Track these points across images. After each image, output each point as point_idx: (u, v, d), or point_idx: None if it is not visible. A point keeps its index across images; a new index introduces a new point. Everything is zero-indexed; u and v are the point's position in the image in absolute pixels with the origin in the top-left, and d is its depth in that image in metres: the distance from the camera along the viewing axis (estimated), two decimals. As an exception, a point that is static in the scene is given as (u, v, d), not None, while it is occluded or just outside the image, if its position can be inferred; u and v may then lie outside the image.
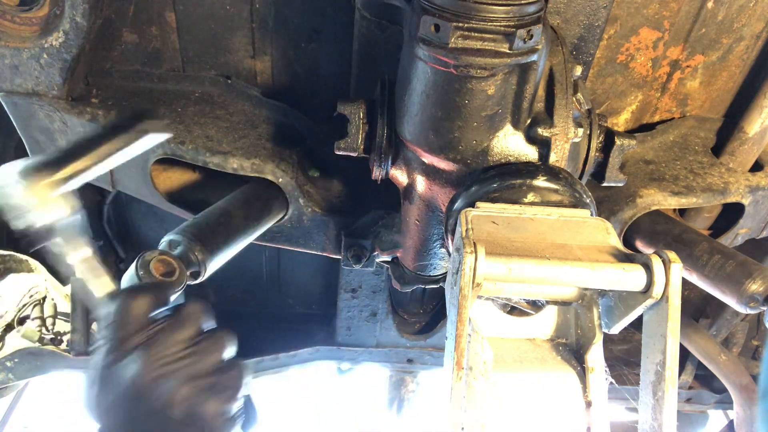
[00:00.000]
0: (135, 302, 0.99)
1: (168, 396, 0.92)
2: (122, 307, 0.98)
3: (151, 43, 1.62)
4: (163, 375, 0.93)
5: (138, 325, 0.97)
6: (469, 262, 0.92)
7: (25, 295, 2.35)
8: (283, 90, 1.72)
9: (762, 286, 1.45)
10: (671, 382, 0.95)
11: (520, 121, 1.19)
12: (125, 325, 0.97)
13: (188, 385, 0.94)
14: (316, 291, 2.51)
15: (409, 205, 1.42)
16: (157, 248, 1.26)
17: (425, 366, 2.53)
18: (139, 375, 0.92)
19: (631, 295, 1.00)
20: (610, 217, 1.65)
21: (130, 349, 0.95)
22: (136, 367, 0.93)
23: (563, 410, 1.01)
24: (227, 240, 1.41)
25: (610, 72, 1.66)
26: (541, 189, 1.14)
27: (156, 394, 0.92)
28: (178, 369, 0.94)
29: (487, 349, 0.97)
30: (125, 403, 0.93)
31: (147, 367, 0.93)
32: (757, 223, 1.81)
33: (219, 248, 1.37)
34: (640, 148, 1.74)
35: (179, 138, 1.56)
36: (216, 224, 1.41)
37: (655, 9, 1.53)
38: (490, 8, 1.02)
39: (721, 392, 2.52)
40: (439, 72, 1.10)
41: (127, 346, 0.95)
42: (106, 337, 0.97)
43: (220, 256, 1.38)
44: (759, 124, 1.66)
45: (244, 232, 1.48)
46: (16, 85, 1.47)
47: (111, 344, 0.96)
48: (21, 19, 1.39)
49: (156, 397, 0.92)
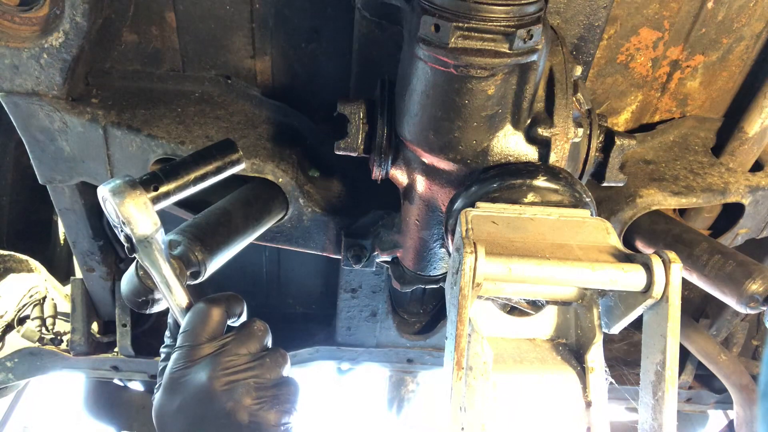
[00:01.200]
0: (210, 313, 1.09)
1: (235, 402, 1.01)
2: (197, 318, 1.08)
3: (151, 43, 1.62)
4: (232, 382, 1.02)
5: (210, 335, 1.07)
6: (469, 262, 0.92)
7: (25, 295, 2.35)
8: (283, 90, 1.72)
9: (762, 286, 1.45)
10: (671, 382, 0.95)
11: (520, 121, 1.19)
12: (199, 334, 1.07)
13: (254, 394, 1.02)
14: (316, 291, 2.51)
15: (409, 205, 1.42)
16: (157, 248, 1.26)
17: (425, 366, 2.53)
18: (209, 380, 1.01)
19: (631, 295, 1.00)
20: (610, 217, 1.65)
21: (202, 357, 1.04)
22: (207, 373, 1.02)
23: (563, 410, 1.01)
24: (227, 240, 1.41)
25: (610, 72, 1.66)
26: (541, 189, 1.14)
27: (224, 399, 1.00)
28: (245, 378, 1.03)
29: (487, 349, 0.97)
30: (195, 406, 1.01)
31: (217, 373, 1.02)
32: (757, 223, 1.81)
33: (219, 248, 1.37)
34: (640, 148, 1.74)
35: (179, 138, 1.56)
36: (216, 224, 1.41)
37: (655, 9, 1.53)
38: (490, 8, 1.02)
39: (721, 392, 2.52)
40: (439, 72, 1.10)
41: (199, 353, 1.04)
42: (180, 344, 1.06)
43: (220, 256, 1.38)
44: (759, 124, 1.66)
45: (244, 232, 1.48)
46: (16, 85, 1.47)
47: (183, 351, 1.05)
48: (21, 19, 1.39)
49: (224, 402, 1.00)
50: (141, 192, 1.08)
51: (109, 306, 2.24)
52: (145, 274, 1.16)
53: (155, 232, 1.09)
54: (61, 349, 2.31)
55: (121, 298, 2.13)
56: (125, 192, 1.07)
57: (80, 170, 1.67)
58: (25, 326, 2.29)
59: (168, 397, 1.02)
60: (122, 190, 1.07)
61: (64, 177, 1.69)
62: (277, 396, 1.04)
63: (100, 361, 2.36)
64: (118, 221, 1.09)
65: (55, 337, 2.32)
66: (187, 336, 1.07)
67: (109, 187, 1.08)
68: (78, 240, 1.99)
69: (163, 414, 1.02)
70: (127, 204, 1.06)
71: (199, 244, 1.30)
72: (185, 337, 1.07)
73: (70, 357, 2.30)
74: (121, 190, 1.07)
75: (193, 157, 1.21)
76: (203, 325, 1.07)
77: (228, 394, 1.00)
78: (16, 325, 2.32)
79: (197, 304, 1.11)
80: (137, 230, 1.08)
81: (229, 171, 1.25)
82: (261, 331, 1.11)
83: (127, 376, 2.53)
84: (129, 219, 1.07)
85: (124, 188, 1.07)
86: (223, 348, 1.05)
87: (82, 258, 2.06)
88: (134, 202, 1.07)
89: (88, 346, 2.27)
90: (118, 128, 1.56)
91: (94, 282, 2.15)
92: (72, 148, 1.61)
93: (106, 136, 1.57)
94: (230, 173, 1.25)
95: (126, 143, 1.57)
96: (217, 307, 1.10)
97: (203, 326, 1.07)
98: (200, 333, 1.07)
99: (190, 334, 1.07)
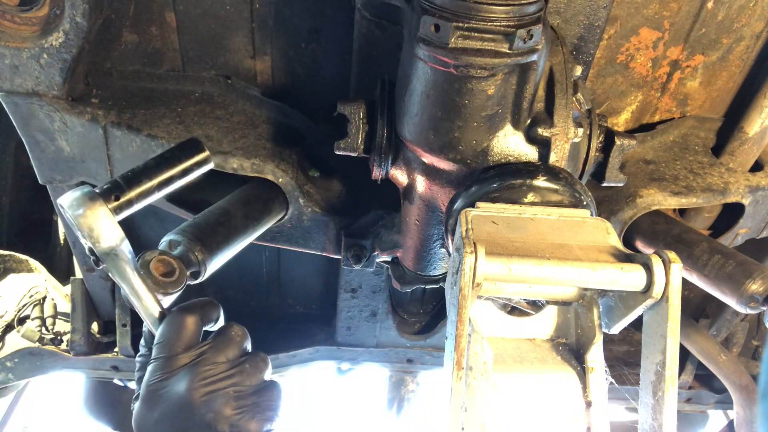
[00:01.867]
0: (184, 322, 1.06)
1: (215, 413, 0.99)
2: (171, 328, 1.06)
3: (151, 43, 1.62)
4: (211, 392, 1.00)
5: (186, 345, 1.05)
6: (469, 262, 0.92)
7: (25, 295, 2.35)
8: (283, 90, 1.72)
9: (762, 286, 1.45)
10: (671, 382, 0.95)
11: (520, 121, 1.19)
12: (174, 344, 1.05)
13: (233, 403, 1.01)
14: (316, 291, 2.51)
15: (409, 205, 1.42)
16: (157, 248, 1.25)
17: (425, 366, 2.53)
18: (188, 391, 0.99)
19: (631, 295, 1.00)
20: (610, 217, 1.65)
21: (179, 367, 1.02)
22: (186, 384, 1.00)
23: (563, 410, 1.01)
24: (227, 240, 1.41)
25: (610, 72, 1.66)
26: (541, 189, 1.14)
27: (204, 410, 0.99)
28: (224, 387, 1.01)
29: (487, 349, 0.97)
30: (174, 418, 0.99)
31: (196, 384, 1.00)
32: (757, 223, 1.81)
33: (219, 248, 1.37)
34: (640, 148, 1.74)
35: (179, 138, 1.56)
36: (216, 224, 1.41)
37: (655, 9, 1.53)
38: (490, 8, 1.02)
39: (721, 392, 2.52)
40: (439, 72, 1.10)
41: (175, 364, 1.02)
42: (155, 356, 1.04)
43: (220, 256, 1.38)
44: (759, 124, 1.66)
45: (244, 232, 1.48)
46: (16, 85, 1.47)
47: (159, 363, 1.03)
48: (21, 19, 1.39)
49: (204, 413, 0.99)
50: (101, 203, 1.04)
51: (109, 306, 2.24)
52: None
53: (120, 243, 1.06)
54: (61, 349, 2.31)
55: (121, 298, 2.13)
56: (84, 204, 1.03)
57: (80, 170, 1.66)
58: (25, 326, 2.29)
59: (147, 410, 1.01)
60: (81, 203, 1.03)
61: (64, 177, 1.69)
62: (258, 403, 1.03)
63: (100, 361, 2.36)
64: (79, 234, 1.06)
65: (55, 337, 2.32)
66: (162, 347, 1.04)
67: (67, 200, 1.04)
68: (78, 240, 1.98)
69: (142, 426, 1.01)
70: (88, 217, 1.02)
71: (199, 244, 1.30)
72: (160, 348, 1.04)
73: (70, 357, 2.30)
74: (79, 203, 1.03)
75: (156, 160, 1.16)
76: (178, 334, 1.05)
77: (207, 405, 0.99)
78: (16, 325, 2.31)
79: (171, 313, 1.09)
80: (100, 243, 1.04)
81: (197, 172, 1.19)
82: (239, 336, 1.09)
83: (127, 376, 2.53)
84: (90, 233, 1.03)
85: (82, 201, 1.03)
86: (200, 357, 1.03)
87: (82, 258, 2.06)
88: (94, 215, 1.03)
89: (88, 346, 2.27)
90: (118, 128, 1.56)
91: (94, 282, 2.15)
92: (72, 148, 1.61)
93: (106, 136, 1.57)
94: (198, 174, 1.19)
95: (126, 143, 1.57)
96: (191, 315, 1.07)
97: (178, 336, 1.05)
98: (175, 343, 1.04)
99: (165, 345, 1.04)
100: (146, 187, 1.12)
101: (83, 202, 1.03)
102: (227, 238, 1.41)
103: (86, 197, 1.04)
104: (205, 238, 1.33)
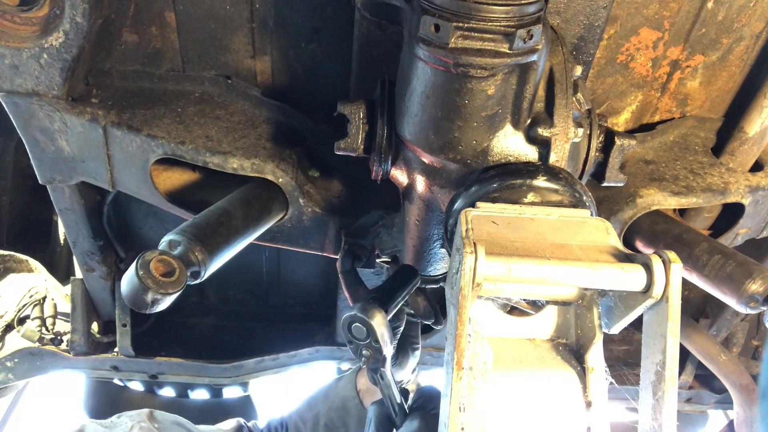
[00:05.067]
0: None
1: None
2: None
3: (151, 43, 1.62)
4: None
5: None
6: (469, 262, 0.92)
7: (25, 295, 2.35)
8: (283, 90, 1.72)
9: (762, 286, 1.45)
10: (671, 382, 0.95)
11: (520, 121, 1.19)
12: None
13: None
14: (316, 291, 2.51)
15: (409, 205, 1.42)
16: (157, 248, 1.25)
17: (425, 366, 2.53)
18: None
19: (631, 295, 1.00)
20: (610, 217, 1.65)
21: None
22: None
23: (563, 410, 1.01)
24: (227, 240, 1.41)
25: (610, 72, 1.66)
26: (541, 189, 1.14)
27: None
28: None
29: (487, 349, 0.97)
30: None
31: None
32: (757, 223, 1.81)
33: (219, 248, 1.37)
34: (640, 148, 1.74)
35: (179, 138, 1.56)
36: (216, 224, 1.40)
37: (655, 9, 1.53)
38: (490, 8, 1.02)
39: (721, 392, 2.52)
40: (439, 72, 1.10)
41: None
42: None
43: (221, 256, 1.38)
44: (759, 124, 1.66)
45: (244, 232, 1.48)
46: (16, 85, 1.47)
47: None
48: (21, 19, 1.39)
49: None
50: (383, 313, 1.21)
51: (109, 306, 2.24)
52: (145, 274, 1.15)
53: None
54: (61, 349, 2.32)
55: (121, 298, 2.13)
56: (374, 312, 1.19)
57: (80, 170, 1.67)
58: (25, 326, 2.29)
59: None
60: (372, 311, 1.19)
61: (64, 177, 1.69)
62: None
63: (100, 361, 2.37)
64: (367, 342, 1.21)
65: (55, 337, 2.32)
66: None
67: (358, 309, 1.21)
68: (78, 240, 1.99)
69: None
70: (378, 323, 1.19)
71: (199, 244, 1.30)
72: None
73: (70, 357, 2.30)
74: (371, 312, 1.19)
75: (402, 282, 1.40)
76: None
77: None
78: (16, 325, 2.32)
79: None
80: (386, 349, 1.21)
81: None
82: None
83: (127, 376, 2.53)
84: (383, 338, 1.19)
85: (372, 309, 1.19)
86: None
87: (82, 258, 2.06)
88: (384, 322, 1.20)
89: (88, 346, 2.27)
90: (118, 128, 1.56)
91: (94, 282, 2.15)
92: (72, 148, 1.61)
93: (106, 136, 1.57)
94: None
95: (126, 143, 1.57)
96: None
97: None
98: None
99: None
100: (398, 301, 1.34)
101: (373, 310, 1.21)
102: (227, 238, 1.41)
103: (374, 306, 1.22)
104: (205, 238, 1.33)
